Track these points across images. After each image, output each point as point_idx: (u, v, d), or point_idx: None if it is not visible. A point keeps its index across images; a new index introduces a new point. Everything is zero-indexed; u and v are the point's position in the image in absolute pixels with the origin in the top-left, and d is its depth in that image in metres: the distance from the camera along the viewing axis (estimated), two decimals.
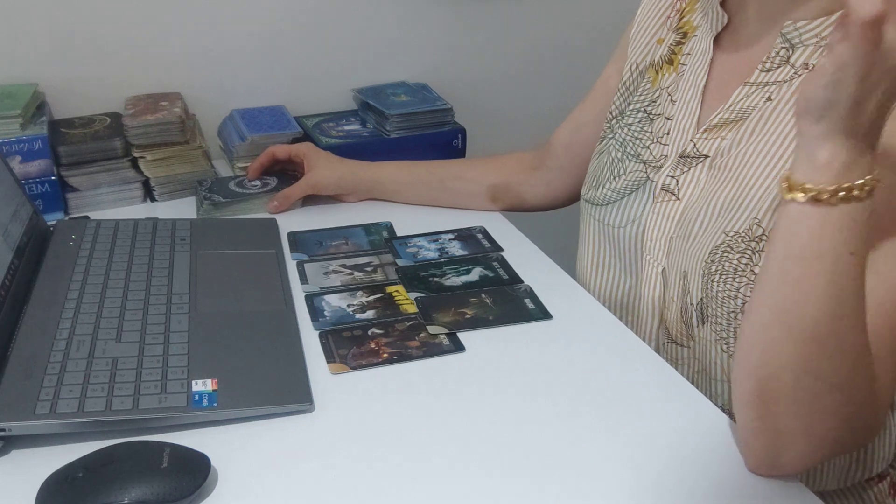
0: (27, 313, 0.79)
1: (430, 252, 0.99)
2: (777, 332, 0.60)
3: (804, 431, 0.62)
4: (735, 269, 0.73)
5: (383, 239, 1.02)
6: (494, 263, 0.96)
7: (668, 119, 0.85)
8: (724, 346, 0.75)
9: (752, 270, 0.72)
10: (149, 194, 1.12)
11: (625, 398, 0.74)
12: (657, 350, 0.83)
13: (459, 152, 1.27)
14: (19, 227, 0.88)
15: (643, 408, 0.73)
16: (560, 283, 0.93)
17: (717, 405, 0.73)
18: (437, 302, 0.88)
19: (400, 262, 0.96)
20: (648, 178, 0.84)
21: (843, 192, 0.57)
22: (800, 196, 0.58)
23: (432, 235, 1.03)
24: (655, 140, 0.85)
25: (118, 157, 1.10)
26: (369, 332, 0.83)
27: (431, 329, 0.83)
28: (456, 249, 1.00)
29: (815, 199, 0.57)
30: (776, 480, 0.65)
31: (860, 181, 0.57)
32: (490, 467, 0.66)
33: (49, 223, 0.98)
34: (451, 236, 1.03)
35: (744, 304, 0.72)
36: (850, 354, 0.60)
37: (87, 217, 1.05)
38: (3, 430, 0.65)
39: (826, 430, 0.61)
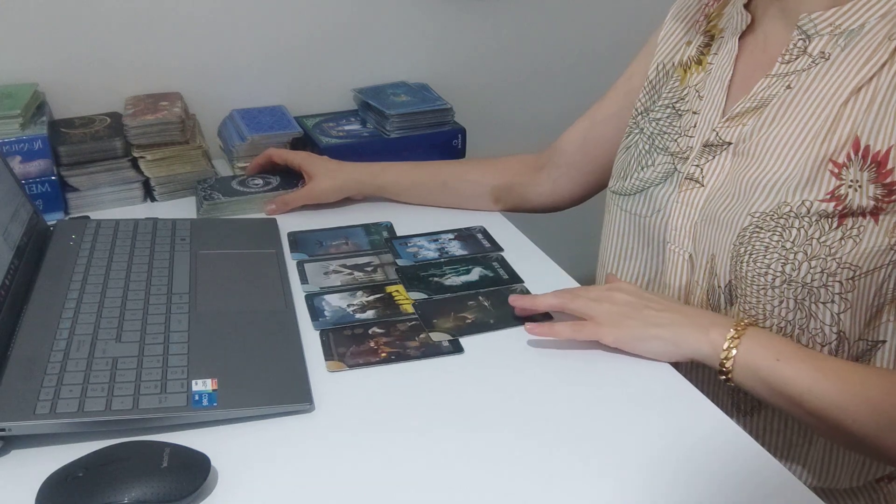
0: (27, 313, 0.79)
1: (430, 252, 0.99)
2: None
3: None
4: (766, 247, 0.75)
5: (383, 239, 1.02)
6: (494, 263, 0.96)
7: (695, 114, 0.87)
8: (754, 323, 0.77)
9: (784, 246, 0.74)
10: (149, 194, 1.12)
11: (624, 398, 0.74)
12: None
13: (459, 152, 1.27)
14: (19, 227, 0.88)
15: (643, 407, 0.73)
16: (560, 283, 0.93)
17: None
18: (435, 307, 0.88)
19: (400, 262, 0.96)
20: (676, 169, 0.86)
21: (730, 356, 0.73)
22: (725, 377, 0.74)
23: (432, 235, 1.03)
24: (683, 133, 0.87)
25: (118, 157, 1.10)
26: (369, 332, 0.83)
27: (434, 336, 0.82)
28: (456, 249, 1.00)
29: (727, 373, 0.73)
30: (776, 481, 0.65)
31: (732, 332, 0.74)
32: (489, 467, 0.66)
33: (49, 223, 0.98)
34: (450, 236, 1.03)
35: (773, 279, 0.75)
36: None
37: (87, 217, 1.05)
38: (3, 430, 0.65)
39: None
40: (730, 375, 0.73)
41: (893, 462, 0.70)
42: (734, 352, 0.73)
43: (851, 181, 0.72)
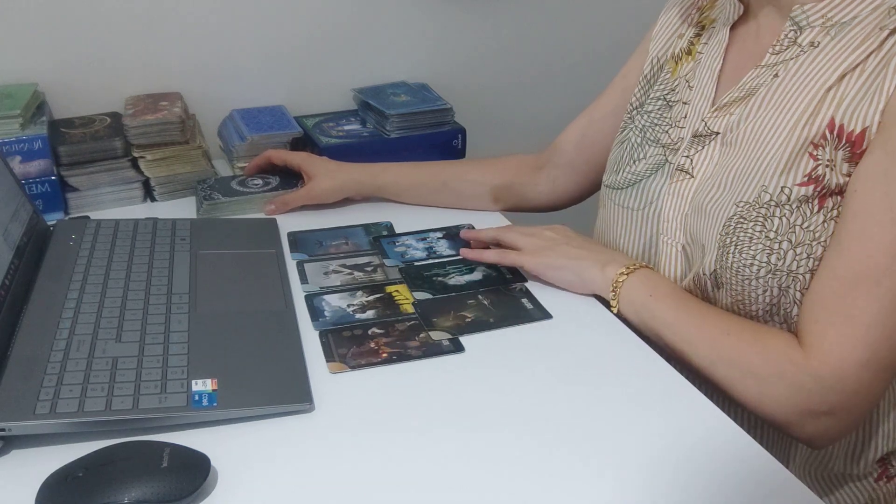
0: (27, 313, 0.79)
1: (417, 251, 0.99)
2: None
3: None
4: (750, 237, 0.76)
5: (372, 238, 1.02)
6: None
7: (685, 104, 0.87)
8: (740, 307, 0.78)
9: (767, 236, 0.75)
10: (149, 194, 1.12)
11: (624, 398, 0.74)
12: None
13: (459, 152, 1.27)
14: (19, 227, 0.88)
15: (643, 407, 0.73)
16: None
17: None
18: (435, 306, 0.88)
19: (388, 262, 0.96)
20: (667, 160, 0.87)
21: (617, 288, 0.83)
22: (615, 309, 0.84)
23: (420, 234, 1.03)
24: (674, 125, 0.88)
25: (118, 157, 1.10)
26: (369, 332, 0.83)
27: (434, 335, 0.82)
28: (444, 248, 1.00)
29: (615, 305, 0.84)
30: (776, 481, 0.65)
31: (623, 269, 0.83)
32: (489, 467, 0.66)
33: (49, 223, 0.98)
34: (439, 235, 1.03)
35: (758, 269, 0.75)
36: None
37: (87, 217, 1.05)
38: (3, 430, 0.65)
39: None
40: (618, 307, 0.83)
41: (730, 398, 0.76)
42: (620, 287, 0.83)
43: (828, 161, 0.73)
